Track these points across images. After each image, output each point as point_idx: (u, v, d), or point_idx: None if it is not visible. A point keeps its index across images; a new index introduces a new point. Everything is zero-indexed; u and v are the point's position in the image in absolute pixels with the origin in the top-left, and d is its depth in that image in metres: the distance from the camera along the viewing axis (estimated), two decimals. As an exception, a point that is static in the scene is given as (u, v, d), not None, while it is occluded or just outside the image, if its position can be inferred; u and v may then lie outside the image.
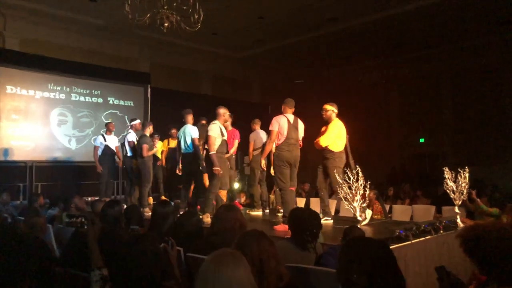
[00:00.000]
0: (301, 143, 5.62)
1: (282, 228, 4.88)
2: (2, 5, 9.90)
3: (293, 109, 5.56)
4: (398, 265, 1.81)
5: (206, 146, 6.01)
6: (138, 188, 7.11)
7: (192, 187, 6.82)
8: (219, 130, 5.90)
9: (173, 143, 8.42)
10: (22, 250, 1.66)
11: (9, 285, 1.55)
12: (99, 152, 8.06)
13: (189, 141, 6.49)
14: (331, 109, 5.81)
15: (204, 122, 7.38)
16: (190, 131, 6.50)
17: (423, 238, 4.02)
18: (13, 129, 9.86)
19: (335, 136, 5.58)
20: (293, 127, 5.41)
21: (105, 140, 8.10)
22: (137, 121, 7.84)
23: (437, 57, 14.39)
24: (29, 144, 10.07)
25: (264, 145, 6.49)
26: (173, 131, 8.47)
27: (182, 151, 6.57)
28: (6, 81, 9.76)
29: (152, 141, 7.38)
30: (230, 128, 6.87)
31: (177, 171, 6.80)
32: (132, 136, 7.51)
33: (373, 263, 1.73)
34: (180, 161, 6.68)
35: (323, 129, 5.79)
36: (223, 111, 6.11)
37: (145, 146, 7.02)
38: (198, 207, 6.99)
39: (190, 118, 6.69)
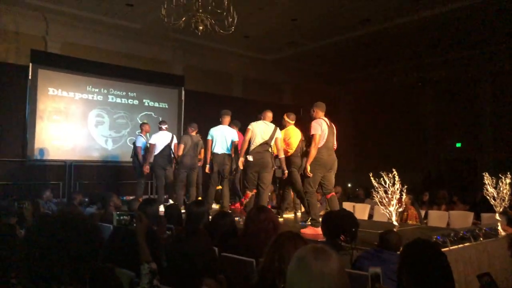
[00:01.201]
0: (336, 147, 5.60)
1: (310, 231, 4.87)
2: (45, 11, 10.33)
3: (324, 112, 5.55)
4: (451, 271, 1.80)
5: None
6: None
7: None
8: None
9: None
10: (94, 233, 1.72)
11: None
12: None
13: (229, 143, 6.56)
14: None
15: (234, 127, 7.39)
16: (232, 134, 6.58)
17: (461, 245, 3.92)
18: (54, 129, 10.24)
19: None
20: (331, 131, 5.41)
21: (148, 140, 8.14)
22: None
23: (476, 59, 13.94)
24: (68, 144, 10.43)
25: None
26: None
27: (216, 152, 6.60)
28: (48, 83, 10.15)
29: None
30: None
31: (207, 171, 6.84)
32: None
33: (426, 265, 1.73)
34: (211, 161, 6.72)
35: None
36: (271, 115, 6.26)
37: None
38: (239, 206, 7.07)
39: (227, 119, 6.76)
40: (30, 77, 9.84)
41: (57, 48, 10.82)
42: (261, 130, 5.96)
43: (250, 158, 5.91)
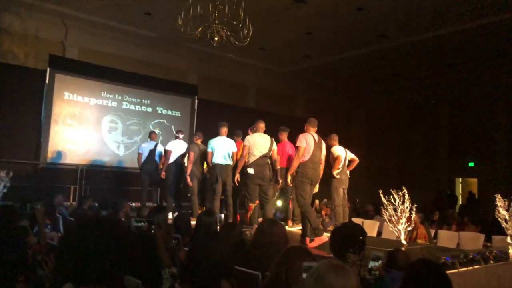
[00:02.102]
0: (323, 162, 5.70)
1: (317, 242, 4.86)
2: (65, 16, 10.54)
3: (316, 128, 5.65)
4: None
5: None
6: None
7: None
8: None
9: None
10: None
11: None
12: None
13: (230, 153, 6.60)
14: None
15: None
16: (231, 144, 6.64)
17: (471, 268, 3.85)
18: (68, 133, 10.38)
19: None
20: (317, 146, 5.49)
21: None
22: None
23: (493, 79, 13.84)
24: (81, 148, 10.55)
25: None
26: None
27: (218, 162, 6.60)
28: (64, 88, 10.32)
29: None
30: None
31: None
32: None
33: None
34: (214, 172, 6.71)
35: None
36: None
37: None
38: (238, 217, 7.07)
39: (225, 130, 6.80)
40: (47, 81, 10.02)
41: (75, 54, 11.01)
42: (258, 142, 6.02)
43: (251, 171, 5.95)
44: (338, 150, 6.50)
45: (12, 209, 2.73)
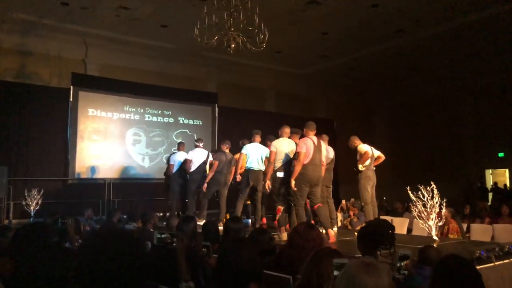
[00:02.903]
0: (324, 164, 5.88)
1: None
2: (84, 35, 10.82)
3: (315, 131, 5.87)
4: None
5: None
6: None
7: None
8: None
9: None
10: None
11: None
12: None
13: (263, 159, 6.71)
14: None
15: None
16: (265, 151, 6.76)
17: (507, 261, 3.74)
18: (94, 148, 10.61)
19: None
20: (317, 148, 5.69)
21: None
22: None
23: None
24: (107, 162, 10.76)
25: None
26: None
27: (251, 167, 6.69)
28: (87, 105, 10.57)
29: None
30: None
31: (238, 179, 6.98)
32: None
33: (459, 284, 1.68)
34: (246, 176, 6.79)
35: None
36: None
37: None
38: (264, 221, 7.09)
39: (258, 138, 6.90)
40: (71, 99, 10.28)
41: (96, 70, 11.28)
42: (284, 147, 6.11)
43: (280, 174, 6.00)
44: (365, 147, 6.44)
45: (43, 227, 2.80)
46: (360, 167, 6.28)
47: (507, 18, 10.28)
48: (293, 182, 5.56)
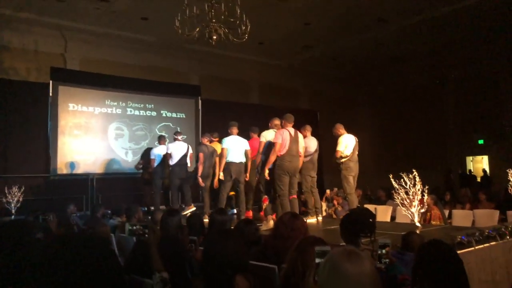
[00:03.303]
0: (301, 154, 6.09)
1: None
2: (63, 29, 10.61)
3: (292, 123, 6.04)
4: (465, 272, 1.78)
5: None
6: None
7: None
8: None
9: None
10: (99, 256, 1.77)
11: None
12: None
13: (243, 152, 6.69)
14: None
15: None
16: (244, 143, 6.75)
17: (487, 244, 3.83)
18: (75, 144, 10.45)
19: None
20: (294, 140, 5.89)
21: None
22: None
23: (497, 55, 13.68)
24: (90, 157, 10.62)
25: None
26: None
27: (233, 161, 6.65)
28: (68, 99, 10.38)
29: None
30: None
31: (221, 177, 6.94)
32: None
33: (441, 269, 1.71)
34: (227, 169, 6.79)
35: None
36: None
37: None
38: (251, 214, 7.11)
39: (235, 130, 6.90)
40: (51, 94, 10.08)
41: (76, 65, 11.09)
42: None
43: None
44: (344, 140, 6.40)
45: (25, 223, 2.74)
46: (340, 153, 6.29)
47: (488, 8, 10.43)
48: (266, 171, 5.82)
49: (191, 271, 2.98)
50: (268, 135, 6.30)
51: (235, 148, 6.70)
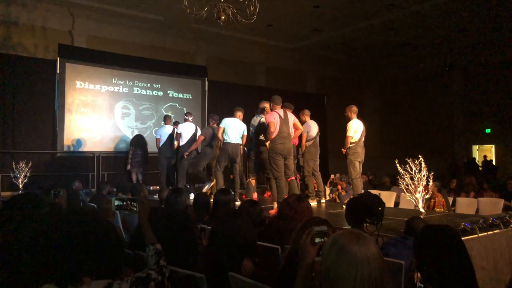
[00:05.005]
0: (294, 135, 6.09)
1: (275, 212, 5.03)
2: (71, 5, 10.54)
3: (281, 105, 6.04)
4: (469, 256, 1.79)
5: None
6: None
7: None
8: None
9: None
10: (97, 231, 1.80)
11: (82, 265, 1.69)
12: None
13: (240, 134, 6.85)
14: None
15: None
16: (243, 127, 6.94)
17: (491, 232, 3.84)
18: (82, 121, 10.49)
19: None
20: (284, 121, 5.86)
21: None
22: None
23: (507, 42, 13.47)
24: (96, 135, 10.67)
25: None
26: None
27: (230, 141, 6.75)
28: (75, 77, 10.38)
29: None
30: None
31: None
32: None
33: (444, 253, 1.72)
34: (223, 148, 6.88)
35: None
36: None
37: None
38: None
39: (239, 114, 7.04)
40: (58, 71, 10.08)
41: (83, 42, 11.04)
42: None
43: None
44: (353, 125, 6.31)
45: (36, 197, 2.78)
46: (351, 138, 6.25)
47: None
48: (268, 143, 5.84)
49: (195, 258, 2.98)
50: (256, 123, 6.46)
51: (232, 128, 6.80)
